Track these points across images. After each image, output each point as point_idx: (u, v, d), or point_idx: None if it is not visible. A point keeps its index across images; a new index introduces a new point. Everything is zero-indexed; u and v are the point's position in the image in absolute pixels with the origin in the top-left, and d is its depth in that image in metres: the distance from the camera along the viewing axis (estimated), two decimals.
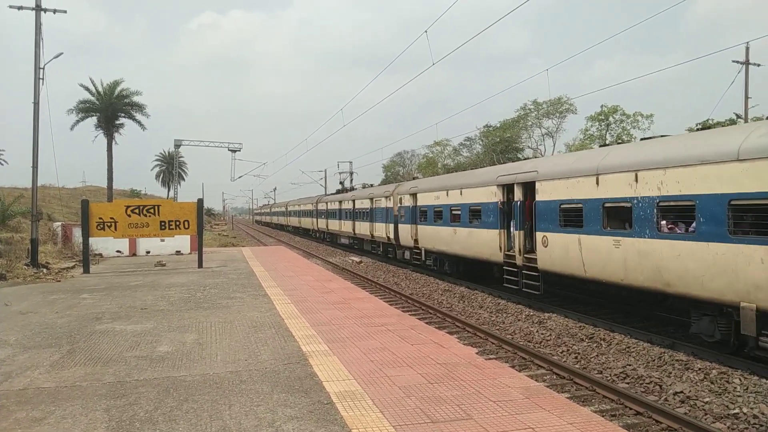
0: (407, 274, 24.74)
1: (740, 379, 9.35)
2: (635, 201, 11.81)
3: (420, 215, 24.44)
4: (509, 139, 56.79)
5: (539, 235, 15.27)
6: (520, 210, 16.39)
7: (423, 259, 24.30)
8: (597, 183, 13.13)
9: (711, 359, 10.47)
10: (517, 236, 16.46)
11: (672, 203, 11.00)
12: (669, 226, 11.19)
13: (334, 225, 43.12)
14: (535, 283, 15.59)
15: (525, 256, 16.19)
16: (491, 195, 18.13)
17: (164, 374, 7.48)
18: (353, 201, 36.77)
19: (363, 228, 34.19)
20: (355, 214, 36.20)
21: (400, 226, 27.11)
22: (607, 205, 12.82)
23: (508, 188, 17.48)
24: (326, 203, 46.29)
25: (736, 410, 8.11)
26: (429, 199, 23.64)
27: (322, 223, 48.29)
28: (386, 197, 29.45)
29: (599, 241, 12.97)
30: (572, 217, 14.00)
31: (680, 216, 10.99)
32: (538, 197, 15.41)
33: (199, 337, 9.63)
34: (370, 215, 32.66)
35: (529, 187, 16.25)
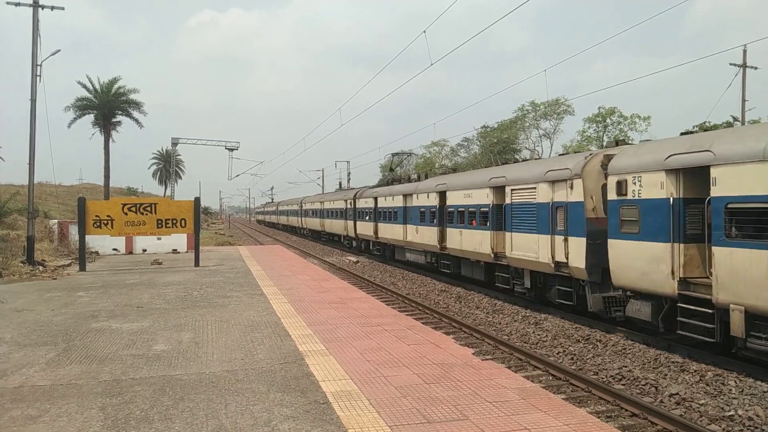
0: (404, 275, 24.72)
1: (735, 382, 9.37)
2: None
3: None
4: (507, 140, 56.85)
5: None
6: None
7: None
8: None
9: (707, 361, 10.49)
10: None
11: None
12: None
13: (391, 232, 28.23)
14: None
15: None
16: None
17: (160, 373, 7.46)
18: (439, 194, 22.24)
19: (470, 240, 19.06)
20: (444, 216, 21.61)
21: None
22: None
23: None
24: (374, 199, 31.40)
25: (732, 412, 8.13)
26: None
27: (364, 228, 33.65)
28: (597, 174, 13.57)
29: None
30: None
31: None
32: None
33: (195, 336, 9.62)
34: (503, 217, 17.01)
35: None
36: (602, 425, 5.94)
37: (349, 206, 37.42)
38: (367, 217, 32.95)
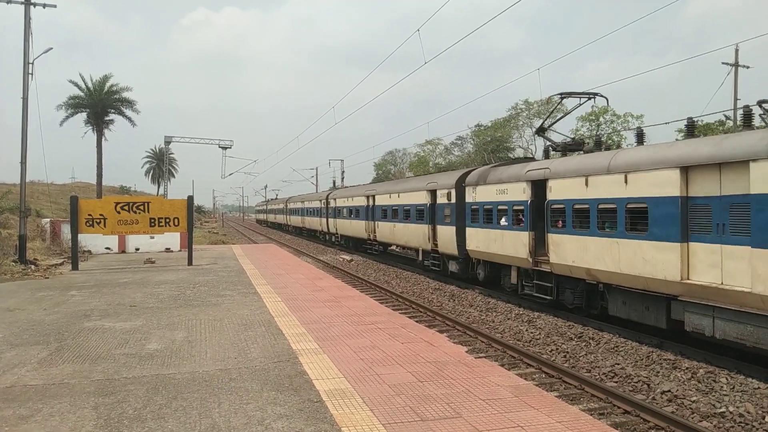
0: (398, 273, 24.74)
1: (727, 378, 9.45)
2: None
3: None
4: (500, 139, 56.94)
5: None
6: None
7: None
8: None
9: (698, 359, 10.58)
10: None
11: None
12: None
13: (613, 257, 12.13)
14: None
15: None
16: None
17: (153, 372, 7.44)
18: None
19: None
20: None
21: None
22: None
23: None
24: (528, 184, 15.63)
25: (723, 409, 8.20)
26: None
27: (496, 242, 17.15)
28: None
29: None
30: None
31: None
32: None
33: (188, 335, 9.59)
34: None
35: None
36: (595, 422, 5.97)
37: (444, 200, 21.03)
38: (503, 220, 16.96)
